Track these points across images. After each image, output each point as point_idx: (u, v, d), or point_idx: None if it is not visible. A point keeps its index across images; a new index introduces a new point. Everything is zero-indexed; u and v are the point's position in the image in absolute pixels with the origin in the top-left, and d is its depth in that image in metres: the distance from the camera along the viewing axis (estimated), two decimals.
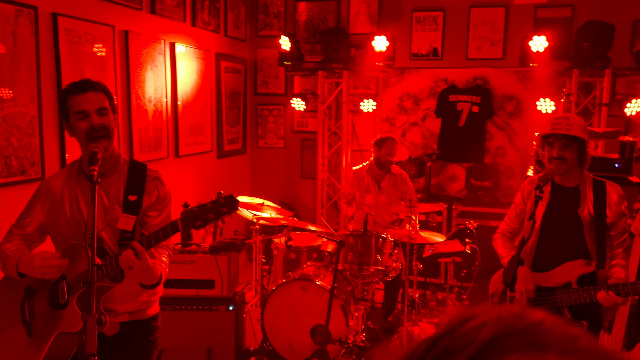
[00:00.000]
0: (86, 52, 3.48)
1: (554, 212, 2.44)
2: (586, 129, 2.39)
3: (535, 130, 4.61)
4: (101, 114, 1.89)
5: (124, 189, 1.99)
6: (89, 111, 1.88)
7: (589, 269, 2.33)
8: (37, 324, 1.94)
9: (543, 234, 2.45)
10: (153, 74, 4.21)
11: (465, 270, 4.43)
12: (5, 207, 2.44)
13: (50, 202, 2.02)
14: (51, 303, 1.93)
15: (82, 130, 1.88)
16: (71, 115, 1.90)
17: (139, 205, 1.98)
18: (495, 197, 5.15)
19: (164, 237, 1.80)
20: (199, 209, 1.72)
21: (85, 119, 1.88)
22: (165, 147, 4.46)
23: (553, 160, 2.35)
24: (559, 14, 5.04)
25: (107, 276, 1.82)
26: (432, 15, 5.40)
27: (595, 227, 2.37)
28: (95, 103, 1.89)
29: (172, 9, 4.43)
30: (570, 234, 2.40)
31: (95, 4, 3.57)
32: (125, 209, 1.97)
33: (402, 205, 4.00)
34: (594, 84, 4.88)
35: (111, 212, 1.97)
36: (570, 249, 2.38)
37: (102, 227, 1.96)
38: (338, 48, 5.13)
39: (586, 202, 2.39)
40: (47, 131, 3.22)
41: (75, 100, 1.88)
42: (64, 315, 1.88)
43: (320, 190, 5.71)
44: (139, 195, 1.99)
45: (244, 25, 5.79)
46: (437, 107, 5.44)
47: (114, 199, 1.98)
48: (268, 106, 6.06)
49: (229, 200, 1.71)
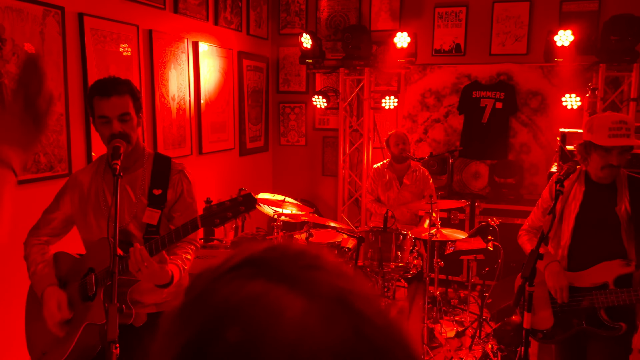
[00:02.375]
0: (111, 51, 3.56)
1: (589, 210, 2.34)
2: None
3: (560, 126, 4.53)
4: (123, 120, 1.93)
5: (149, 182, 2.03)
6: (111, 117, 1.92)
7: (628, 270, 2.23)
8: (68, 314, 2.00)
9: (577, 233, 2.35)
10: (176, 72, 4.28)
11: (487, 268, 4.38)
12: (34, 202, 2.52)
13: (79, 195, 2.08)
14: (81, 295, 1.99)
15: (104, 135, 1.95)
16: (95, 117, 1.96)
17: (163, 199, 2.02)
18: (519, 194, 5.08)
19: (184, 234, 1.83)
20: (217, 207, 1.75)
21: (107, 125, 1.93)
22: (189, 144, 4.52)
23: (608, 168, 2.25)
24: (585, 8, 4.94)
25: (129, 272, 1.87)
26: (455, 10, 5.34)
27: (633, 226, 2.27)
28: (118, 109, 1.92)
29: (195, 8, 4.49)
30: (606, 232, 2.30)
31: (120, 4, 3.65)
32: (150, 203, 2.01)
33: (422, 202, 3.98)
34: (621, 78, 4.76)
35: (137, 205, 2.02)
36: (607, 248, 2.29)
37: (128, 220, 2.00)
38: (359, 45, 5.13)
39: (623, 199, 2.29)
40: (73, 128, 3.31)
41: (99, 105, 1.93)
42: (92, 307, 1.93)
43: (342, 187, 5.72)
44: (164, 189, 2.03)
45: (265, 24, 5.83)
46: (459, 103, 5.39)
47: (140, 192, 2.03)
48: (290, 104, 6.09)
49: (247, 199, 1.74)
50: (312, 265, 0.50)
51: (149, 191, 2.02)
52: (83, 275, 2.00)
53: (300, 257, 0.51)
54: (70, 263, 2.09)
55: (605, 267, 2.27)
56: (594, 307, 2.28)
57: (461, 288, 4.86)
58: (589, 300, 2.28)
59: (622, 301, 2.19)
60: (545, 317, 2.39)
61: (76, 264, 2.06)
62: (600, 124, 2.23)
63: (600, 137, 2.22)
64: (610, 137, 2.19)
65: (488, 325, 4.01)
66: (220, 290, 0.48)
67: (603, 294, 2.24)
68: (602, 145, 2.22)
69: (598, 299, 2.26)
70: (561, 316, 2.36)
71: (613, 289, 2.23)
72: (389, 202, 4.38)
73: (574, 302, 2.32)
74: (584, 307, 2.30)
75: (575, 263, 2.35)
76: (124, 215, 2.00)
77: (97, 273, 1.94)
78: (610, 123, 2.20)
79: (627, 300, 2.19)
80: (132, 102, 1.97)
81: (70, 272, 2.06)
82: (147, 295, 2.02)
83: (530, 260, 2.06)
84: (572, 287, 2.32)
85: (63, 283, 2.05)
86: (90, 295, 1.95)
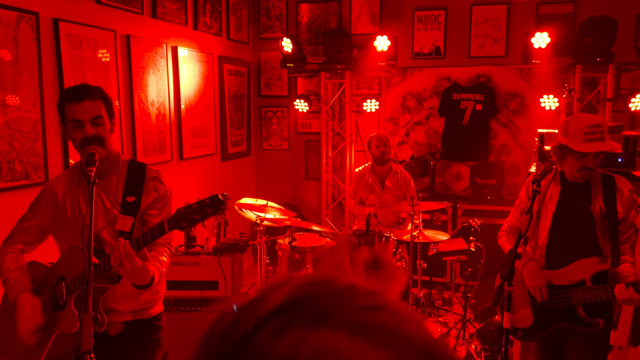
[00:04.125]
0: (88, 57, 3.51)
1: (565, 209, 2.38)
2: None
3: (539, 127, 4.58)
4: (96, 124, 1.90)
5: (123, 190, 2.01)
6: (83, 120, 1.89)
7: (604, 267, 2.27)
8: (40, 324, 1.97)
9: (554, 232, 2.39)
10: (156, 77, 4.25)
11: (470, 269, 4.40)
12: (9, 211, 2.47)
13: (54, 203, 2.04)
14: (52, 304, 1.95)
15: (76, 139, 1.91)
16: (67, 121, 1.92)
17: (137, 206, 1.99)
18: (500, 195, 5.13)
19: (151, 239, 1.81)
20: (184, 210, 1.73)
21: (79, 129, 1.89)
22: (169, 150, 4.48)
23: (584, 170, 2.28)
24: (561, 10, 5.01)
25: (102, 276, 1.84)
26: (434, 14, 5.39)
27: (607, 224, 2.31)
28: (91, 112, 1.89)
29: (174, 13, 4.46)
30: (582, 231, 2.34)
31: (97, 9, 3.61)
32: (123, 210, 1.98)
33: (404, 205, 3.99)
34: (597, 79, 4.84)
35: (111, 213, 1.99)
36: (582, 246, 2.33)
37: (102, 227, 1.97)
38: (340, 49, 5.14)
39: (597, 198, 2.33)
40: (50, 135, 3.26)
41: (70, 109, 1.90)
42: (62, 316, 1.90)
43: (325, 191, 5.71)
44: (137, 196, 2.00)
45: (246, 28, 5.81)
46: (440, 105, 5.43)
47: (114, 199, 2.00)
48: (271, 108, 6.08)
49: (213, 201, 1.71)
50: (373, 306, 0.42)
51: (122, 198, 1.99)
52: (54, 284, 1.97)
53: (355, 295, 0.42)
54: (42, 272, 2.05)
55: (582, 265, 2.30)
56: (572, 304, 2.30)
57: (444, 289, 4.88)
58: (567, 297, 2.31)
59: (599, 297, 2.23)
60: (524, 316, 2.42)
61: (47, 273, 2.03)
62: (575, 128, 2.25)
63: (575, 142, 2.24)
64: (586, 142, 2.22)
65: (472, 326, 4.03)
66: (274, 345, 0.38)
67: (580, 291, 2.28)
68: (577, 150, 2.24)
69: (576, 296, 2.29)
70: (540, 314, 2.40)
71: (590, 286, 2.27)
72: (372, 205, 4.39)
73: (552, 300, 2.35)
74: (562, 305, 2.32)
75: (553, 261, 2.39)
76: (97, 222, 1.97)
77: (68, 281, 1.91)
78: (585, 127, 2.22)
79: (603, 297, 2.22)
80: (105, 107, 1.94)
81: (42, 282, 2.02)
82: (122, 302, 1.99)
83: (508, 260, 2.07)
84: (551, 285, 2.35)
85: (36, 293, 2.01)
86: (60, 304, 1.91)
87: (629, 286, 2.12)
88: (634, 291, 2.11)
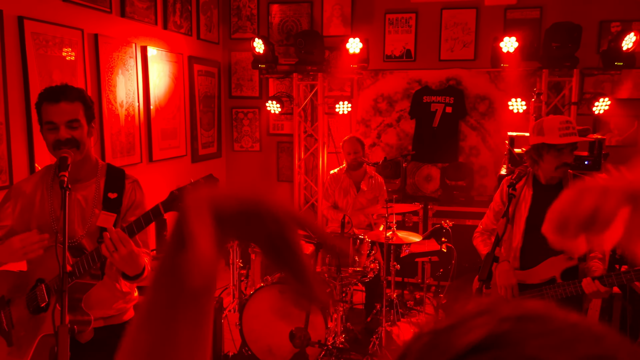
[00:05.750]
0: (54, 56, 3.40)
1: (537, 211, 2.47)
2: None
3: (507, 130, 4.69)
4: (71, 127, 1.86)
5: (104, 188, 1.98)
6: (58, 123, 1.84)
7: (572, 263, 2.38)
8: (18, 331, 1.91)
9: (528, 234, 2.47)
10: (124, 77, 4.14)
11: (442, 269, 4.47)
12: None
13: (21, 205, 1.97)
14: (30, 308, 1.89)
15: (49, 141, 1.87)
16: (43, 123, 1.88)
17: (119, 203, 1.96)
18: (470, 196, 5.22)
19: (146, 223, 1.78)
20: (179, 191, 1.71)
21: (53, 131, 1.85)
22: (139, 152, 4.38)
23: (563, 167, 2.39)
24: (528, 15, 5.14)
25: (88, 273, 1.80)
26: (405, 17, 5.44)
27: None
28: (66, 115, 1.85)
29: (143, 12, 4.37)
30: None
31: (63, 7, 3.49)
32: (105, 207, 1.94)
33: (378, 207, 4.02)
34: (563, 83, 4.98)
35: (90, 214, 1.94)
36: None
37: (81, 234, 1.93)
38: (312, 50, 5.13)
39: None
40: (14, 138, 3.13)
41: (47, 110, 1.85)
42: (46, 318, 1.85)
43: (298, 193, 5.70)
44: (119, 194, 1.97)
45: (216, 28, 5.74)
46: (411, 108, 5.49)
47: (94, 201, 1.96)
48: (243, 109, 6.02)
49: (208, 180, 1.71)
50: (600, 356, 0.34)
51: (103, 195, 1.95)
52: (30, 288, 1.90)
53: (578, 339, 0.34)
54: (12, 279, 1.98)
55: (552, 263, 2.42)
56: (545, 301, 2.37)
57: (416, 289, 4.93)
58: (540, 294, 2.41)
59: (570, 293, 2.34)
60: None
61: (19, 279, 1.96)
62: (550, 125, 2.38)
63: (552, 137, 2.35)
64: (562, 137, 2.34)
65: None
66: None
67: (552, 288, 2.38)
68: (556, 144, 2.34)
69: (548, 293, 2.39)
70: None
71: (560, 283, 2.38)
72: (347, 207, 4.39)
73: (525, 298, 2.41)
74: None
75: (526, 262, 2.48)
76: (74, 227, 1.92)
77: (48, 282, 1.86)
78: (559, 123, 2.37)
79: (573, 292, 2.33)
80: (84, 110, 1.89)
81: (13, 288, 1.95)
82: (96, 309, 1.94)
83: (486, 264, 2.11)
84: (524, 284, 2.44)
85: (6, 301, 1.95)
86: (42, 306, 1.85)
87: (595, 279, 2.24)
88: (600, 284, 2.23)
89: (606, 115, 4.83)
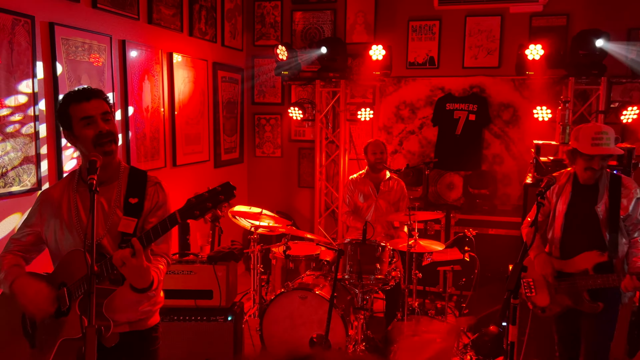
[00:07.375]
0: (83, 62, 3.47)
1: (575, 208, 2.71)
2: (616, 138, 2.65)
3: (532, 138, 4.62)
4: (106, 120, 1.90)
5: (125, 193, 1.98)
6: (95, 116, 1.87)
7: (603, 259, 2.59)
8: (40, 334, 1.92)
9: (566, 228, 2.72)
10: (150, 83, 4.20)
11: (464, 279, 4.41)
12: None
13: (49, 210, 2.00)
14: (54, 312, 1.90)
15: (89, 137, 1.87)
16: (75, 122, 1.88)
17: (140, 208, 1.96)
18: (493, 204, 5.15)
19: (163, 231, 1.78)
20: (196, 199, 1.71)
21: (92, 125, 1.87)
22: (163, 156, 4.44)
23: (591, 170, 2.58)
24: (554, 23, 5.07)
25: (107, 279, 1.80)
26: (429, 24, 5.42)
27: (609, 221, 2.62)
28: (100, 108, 1.90)
29: (169, 19, 4.43)
30: (587, 227, 2.67)
31: (93, 13, 3.56)
32: (126, 212, 1.95)
33: (400, 214, 3.99)
34: (590, 91, 4.90)
35: (111, 218, 1.95)
36: (588, 240, 2.65)
37: (102, 234, 1.94)
38: (335, 57, 5.14)
39: (603, 198, 2.64)
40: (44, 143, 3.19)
41: (79, 108, 1.88)
42: (66, 322, 1.86)
43: (318, 199, 5.69)
44: (140, 199, 1.97)
45: (240, 35, 5.80)
46: (434, 115, 5.45)
47: (115, 204, 1.97)
48: (265, 115, 6.05)
49: (225, 188, 1.70)
50: None
51: (124, 200, 1.96)
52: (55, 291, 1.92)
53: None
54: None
55: (585, 257, 2.64)
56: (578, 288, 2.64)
57: (438, 299, 4.87)
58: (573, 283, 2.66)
59: (599, 285, 2.56)
60: (543, 296, 2.79)
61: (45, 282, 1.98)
62: (585, 134, 2.57)
63: (583, 146, 2.56)
64: (593, 146, 2.54)
65: (465, 336, 4.02)
66: None
67: (584, 279, 2.62)
68: (585, 153, 2.55)
69: (580, 283, 2.63)
70: (555, 296, 2.75)
71: (592, 275, 2.60)
72: (367, 210, 4.36)
73: (561, 285, 2.70)
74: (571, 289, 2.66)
75: (566, 253, 2.73)
76: (97, 230, 1.93)
77: (70, 286, 1.87)
78: (594, 133, 2.55)
79: (605, 284, 2.55)
80: (109, 109, 1.93)
81: None
82: (121, 312, 1.94)
83: (514, 273, 2.08)
84: (562, 272, 2.71)
85: None
86: (63, 311, 1.87)
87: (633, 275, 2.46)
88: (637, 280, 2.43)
89: (635, 124, 4.73)
